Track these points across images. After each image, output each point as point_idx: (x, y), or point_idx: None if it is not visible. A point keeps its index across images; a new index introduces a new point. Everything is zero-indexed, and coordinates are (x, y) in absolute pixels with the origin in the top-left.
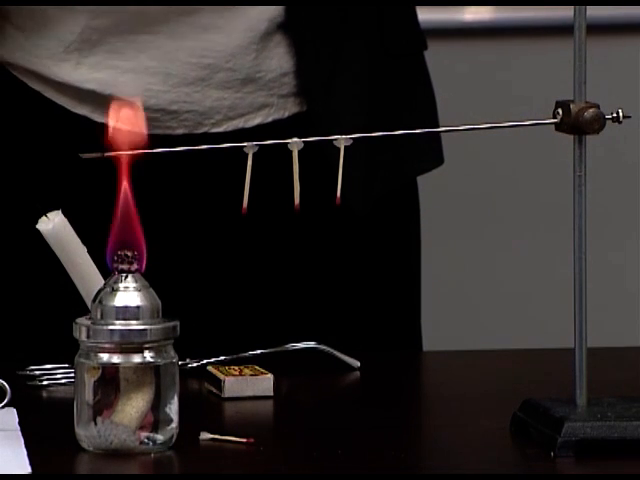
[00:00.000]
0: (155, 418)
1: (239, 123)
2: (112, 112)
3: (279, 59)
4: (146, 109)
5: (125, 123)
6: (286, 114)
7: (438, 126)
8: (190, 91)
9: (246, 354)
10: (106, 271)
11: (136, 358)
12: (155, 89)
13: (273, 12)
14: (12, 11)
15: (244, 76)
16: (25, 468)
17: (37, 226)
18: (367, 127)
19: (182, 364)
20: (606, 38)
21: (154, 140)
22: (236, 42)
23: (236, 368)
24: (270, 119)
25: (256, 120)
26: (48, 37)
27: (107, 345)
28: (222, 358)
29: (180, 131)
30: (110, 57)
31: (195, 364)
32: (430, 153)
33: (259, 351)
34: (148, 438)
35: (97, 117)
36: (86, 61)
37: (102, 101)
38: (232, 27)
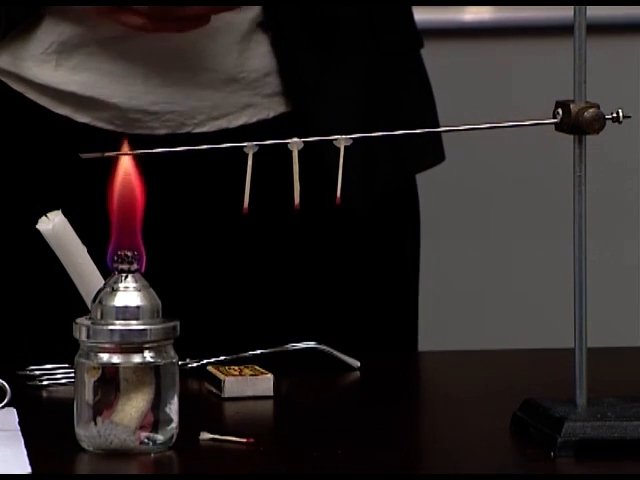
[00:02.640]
0: (155, 418)
1: (222, 123)
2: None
3: (262, 58)
4: (127, 110)
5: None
6: (271, 114)
7: (438, 123)
8: (172, 92)
9: (246, 354)
10: (106, 271)
11: (136, 358)
12: (136, 90)
13: (255, 11)
14: None
15: (226, 76)
16: (25, 468)
17: (37, 226)
18: (364, 126)
19: (182, 364)
20: (606, 38)
21: (137, 140)
22: (217, 42)
23: (236, 368)
24: (254, 119)
25: (240, 120)
26: (29, 39)
27: (107, 345)
28: (222, 358)
29: (162, 131)
30: (90, 59)
31: (195, 364)
32: (430, 150)
33: (259, 351)
34: (148, 438)
35: (79, 117)
36: (66, 63)
37: (83, 102)
38: (213, 28)
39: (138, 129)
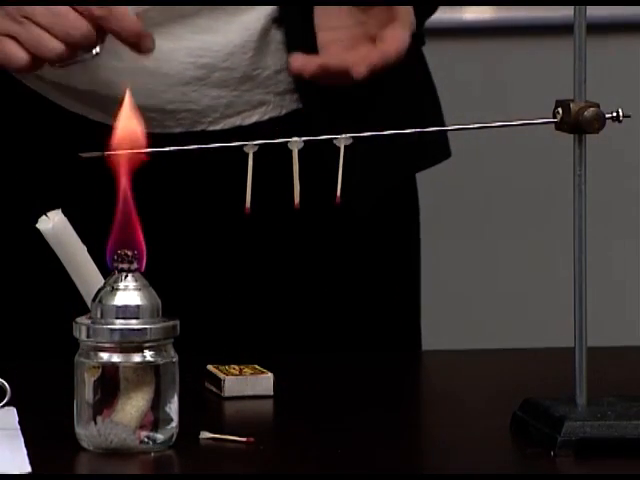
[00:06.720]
0: (155, 417)
1: (236, 121)
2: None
3: (274, 56)
4: (144, 109)
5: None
6: (283, 111)
7: (443, 121)
8: (187, 90)
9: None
10: (106, 271)
11: (136, 357)
12: (153, 89)
13: (270, 9)
14: None
15: (241, 74)
16: (25, 468)
17: (37, 226)
18: (368, 123)
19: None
20: (606, 38)
21: (153, 138)
22: (234, 42)
23: (236, 367)
24: (267, 117)
25: (253, 118)
26: None
27: (107, 344)
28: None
29: (178, 129)
30: (107, 58)
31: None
32: (433, 147)
33: None
34: (148, 437)
35: (94, 116)
36: (83, 63)
37: (99, 100)
38: (229, 28)
39: (154, 128)
